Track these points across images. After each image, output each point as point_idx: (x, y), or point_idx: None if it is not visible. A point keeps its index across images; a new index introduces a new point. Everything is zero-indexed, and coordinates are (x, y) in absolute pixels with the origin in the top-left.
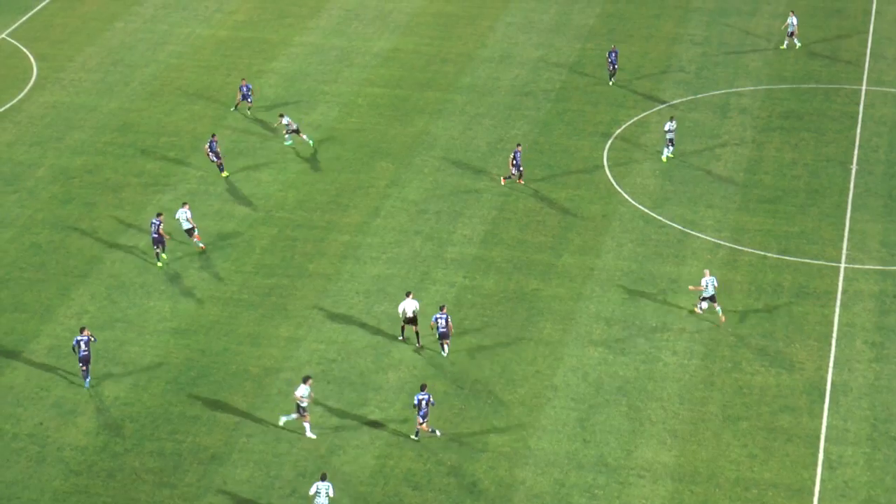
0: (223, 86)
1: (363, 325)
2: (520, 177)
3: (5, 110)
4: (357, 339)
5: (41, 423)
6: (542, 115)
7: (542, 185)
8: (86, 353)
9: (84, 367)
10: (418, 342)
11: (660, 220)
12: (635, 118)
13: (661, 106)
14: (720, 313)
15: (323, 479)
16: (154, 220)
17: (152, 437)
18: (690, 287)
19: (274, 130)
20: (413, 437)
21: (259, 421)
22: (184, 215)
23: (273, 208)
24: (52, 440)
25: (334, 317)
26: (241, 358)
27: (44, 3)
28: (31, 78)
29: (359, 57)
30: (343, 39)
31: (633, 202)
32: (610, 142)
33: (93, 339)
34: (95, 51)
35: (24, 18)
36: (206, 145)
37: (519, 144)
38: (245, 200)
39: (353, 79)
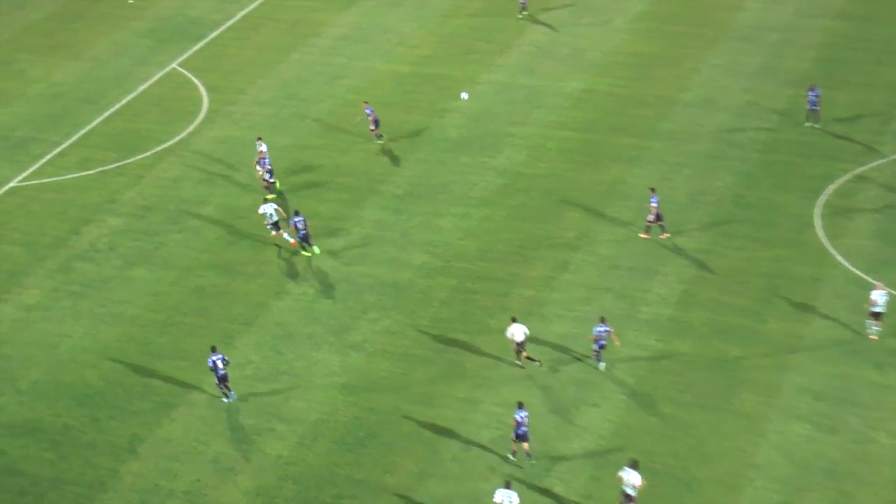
0: (402, 123)
1: (546, 388)
2: (662, 230)
3: (173, 144)
4: (539, 403)
5: (198, 480)
6: (748, 167)
7: (746, 243)
8: (223, 372)
9: (223, 386)
10: (536, 360)
11: (876, 286)
12: (851, 173)
13: (882, 161)
14: (872, 332)
15: (507, 486)
16: (296, 219)
17: (315, 501)
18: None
19: (459, 173)
20: (510, 456)
21: (429, 488)
22: (270, 209)
23: (452, 258)
24: (209, 499)
25: (515, 378)
26: (413, 418)
27: (217, 32)
28: (200, 111)
29: (549, 97)
30: (533, 78)
31: (847, 265)
32: (822, 198)
33: (227, 359)
34: (269, 83)
35: (195, 47)
36: (256, 161)
37: (653, 189)
38: (423, 248)
39: (543, 121)
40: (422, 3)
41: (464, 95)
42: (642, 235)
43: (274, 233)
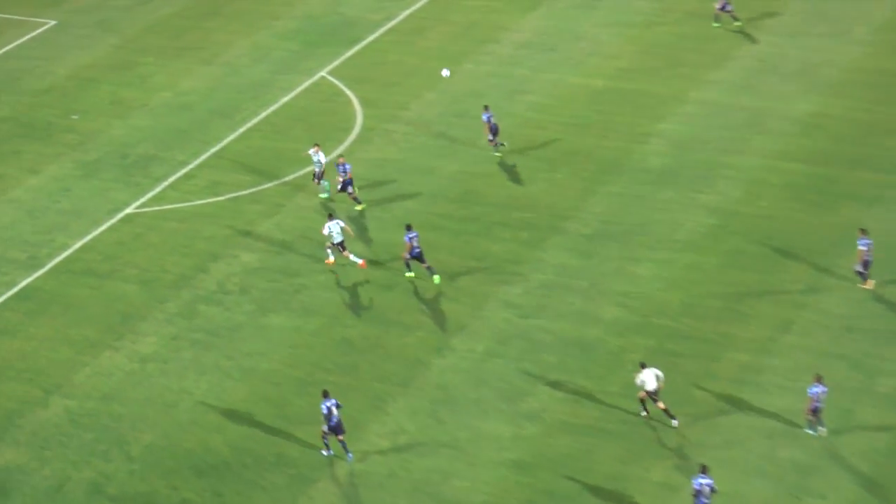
0: (596, 149)
1: (761, 475)
2: (863, 279)
3: (304, 174)
4: (753, 492)
5: None
6: None
7: None
8: (337, 420)
9: (340, 438)
10: (672, 418)
11: None
12: None
13: None
14: None
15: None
16: (410, 234)
17: None
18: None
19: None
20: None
21: None
22: (336, 227)
23: (652, 312)
24: None
25: (723, 461)
26: None
27: (376, 35)
28: (353, 128)
29: (773, 122)
30: (753, 98)
31: None
32: None
33: (340, 404)
34: (436, 98)
35: (349, 53)
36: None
37: (863, 230)
38: (615, 300)
39: (765, 150)
40: (621, 5)
41: (445, 72)
42: (864, 286)
43: (331, 259)
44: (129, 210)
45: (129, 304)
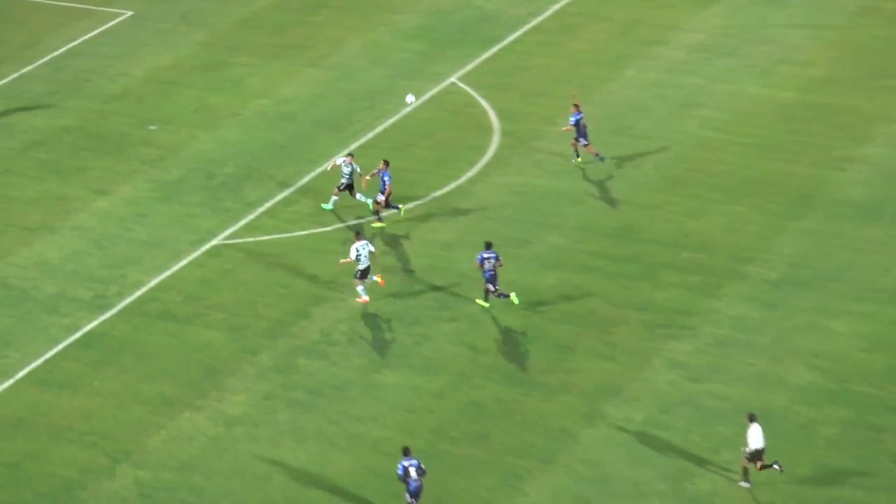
0: (784, 177)
1: None
2: None
3: (447, 193)
4: None
5: None
6: None
7: None
8: (417, 483)
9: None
10: (777, 465)
11: None
12: None
13: None
14: None
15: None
16: (484, 255)
17: None
18: None
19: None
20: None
21: None
22: (364, 249)
23: (850, 377)
24: None
25: None
26: None
27: (518, 34)
28: (488, 146)
29: None
30: None
31: None
32: None
33: (423, 468)
34: (589, 111)
35: (485, 55)
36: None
37: None
38: (806, 361)
39: None
40: (817, 3)
41: (409, 98)
42: None
43: (365, 297)
44: (215, 241)
45: (215, 354)
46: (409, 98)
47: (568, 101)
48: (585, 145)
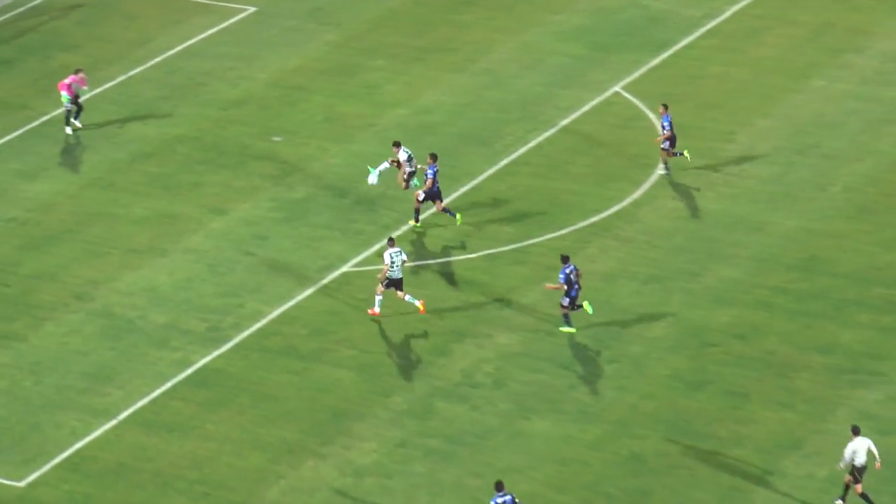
0: None
1: None
2: None
3: (607, 217)
4: None
5: None
6: None
7: None
8: None
9: None
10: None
11: None
12: None
13: None
14: None
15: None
16: (567, 268)
17: None
18: None
19: None
20: None
21: None
22: (398, 257)
23: None
24: None
25: None
26: None
27: (690, 38)
28: (655, 164)
29: None
30: None
31: None
32: None
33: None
34: (772, 126)
35: (653, 61)
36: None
37: None
38: None
39: None
40: None
41: (372, 179)
42: None
43: (377, 309)
44: (345, 268)
45: (342, 396)
46: (372, 179)
47: (747, 114)
48: (671, 151)
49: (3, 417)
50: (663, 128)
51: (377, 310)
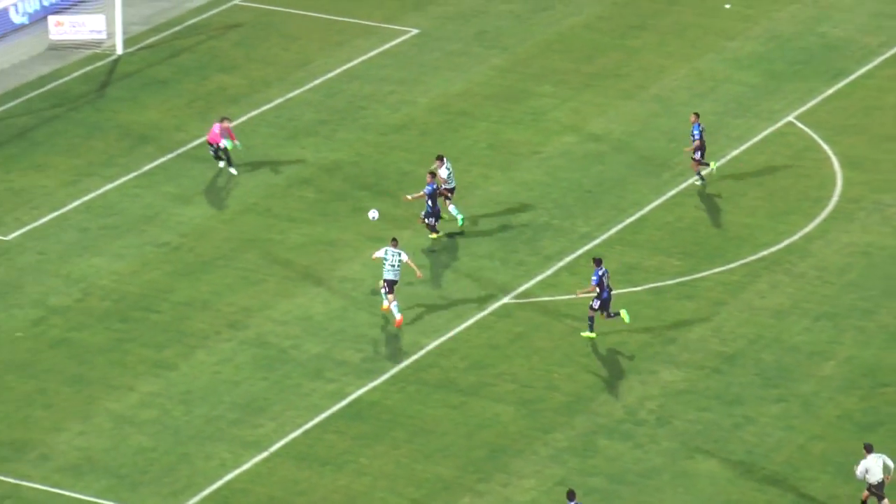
0: None
1: None
2: None
3: (779, 250)
4: None
5: None
6: None
7: None
8: None
9: None
10: None
11: None
12: None
13: None
14: None
15: None
16: (600, 271)
17: None
18: None
19: None
20: None
21: None
22: (395, 257)
23: None
24: None
25: None
26: None
27: (867, 67)
28: (829, 197)
29: None
30: None
31: None
32: None
33: None
34: None
35: (829, 91)
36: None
37: None
38: None
39: None
40: None
41: (372, 214)
42: None
43: (386, 304)
44: (506, 299)
45: (501, 431)
46: (373, 214)
47: None
48: (700, 161)
49: (152, 447)
50: (693, 137)
51: (396, 314)
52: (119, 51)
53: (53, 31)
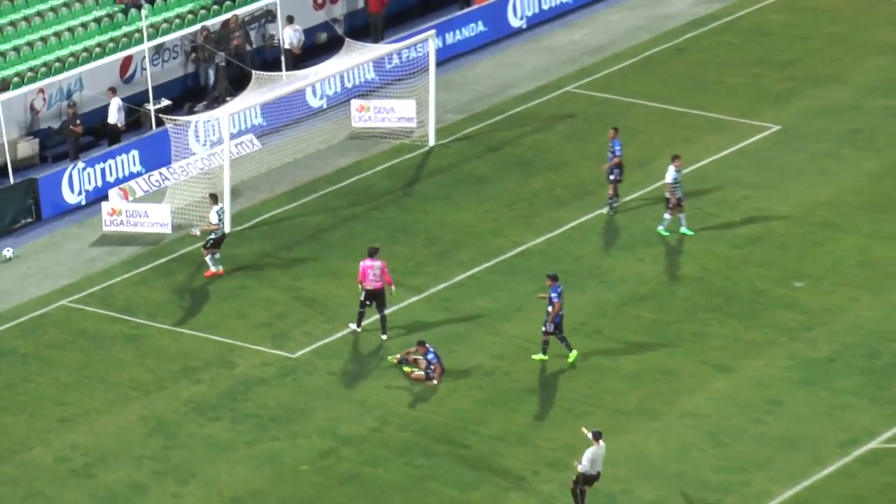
0: None
1: None
2: None
3: None
4: None
5: None
6: None
7: None
8: None
9: None
10: None
11: None
12: None
13: None
14: None
15: None
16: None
17: None
18: None
19: None
20: None
21: None
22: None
23: None
24: None
25: None
26: None
27: None
28: None
29: None
30: None
31: None
32: None
33: None
34: None
35: None
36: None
37: None
38: None
39: None
40: None
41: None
42: None
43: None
44: (874, 443)
45: None
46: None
47: None
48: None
49: None
50: (612, 153)
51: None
52: (431, 142)
53: (356, 116)
